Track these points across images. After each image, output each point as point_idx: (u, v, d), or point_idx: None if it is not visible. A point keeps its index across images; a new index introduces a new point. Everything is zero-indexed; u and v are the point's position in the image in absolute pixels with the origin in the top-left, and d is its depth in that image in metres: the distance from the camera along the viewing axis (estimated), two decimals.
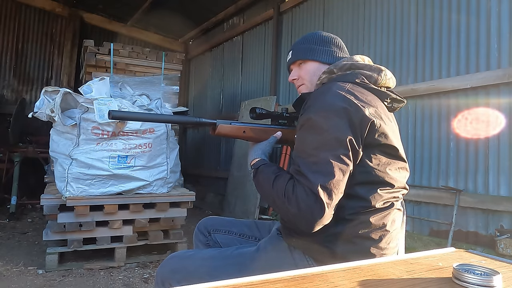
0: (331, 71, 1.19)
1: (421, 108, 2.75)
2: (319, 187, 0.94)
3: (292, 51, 1.30)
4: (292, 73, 1.31)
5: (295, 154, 1.06)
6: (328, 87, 1.10)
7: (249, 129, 1.24)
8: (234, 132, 1.23)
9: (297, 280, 0.64)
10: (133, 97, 3.20)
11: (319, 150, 0.99)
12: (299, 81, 1.28)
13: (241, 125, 1.23)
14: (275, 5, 4.39)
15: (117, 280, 2.53)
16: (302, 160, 1.01)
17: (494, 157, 2.32)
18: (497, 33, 2.35)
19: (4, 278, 2.47)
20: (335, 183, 0.96)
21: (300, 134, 1.07)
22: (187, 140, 6.51)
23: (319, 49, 1.26)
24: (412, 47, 2.85)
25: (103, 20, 6.23)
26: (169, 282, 1.13)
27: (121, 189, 2.76)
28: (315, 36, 1.29)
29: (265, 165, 1.14)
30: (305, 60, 1.26)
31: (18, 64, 5.76)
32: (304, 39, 1.30)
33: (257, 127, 1.25)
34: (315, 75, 1.24)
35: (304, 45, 1.28)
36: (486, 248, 2.28)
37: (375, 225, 1.01)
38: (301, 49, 1.28)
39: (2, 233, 3.52)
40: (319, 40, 1.28)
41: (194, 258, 1.20)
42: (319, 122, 1.02)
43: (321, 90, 1.11)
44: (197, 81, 6.53)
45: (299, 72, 1.28)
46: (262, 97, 4.34)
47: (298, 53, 1.28)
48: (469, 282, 0.63)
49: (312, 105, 1.06)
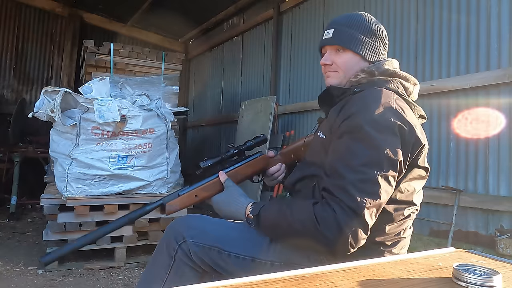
0: (372, 73, 1.09)
1: (421, 108, 2.75)
2: (365, 209, 0.87)
3: (334, 31, 1.12)
4: (326, 56, 1.15)
5: (335, 164, 0.94)
6: (375, 94, 1.00)
7: (200, 189, 1.10)
8: (186, 202, 1.09)
9: (297, 280, 0.64)
10: (133, 97, 3.20)
11: (368, 167, 0.90)
12: (332, 67, 1.13)
13: (190, 189, 1.10)
14: (275, 5, 4.39)
15: (117, 280, 2.53)
16: (347, 175, 0.90)
17: (494, 157, 2.32)
18: (497, 33, 2.35)
19: (4, 278, 2.47)
20: (379, 205, 0.90)
21: (345, 143, 0.95)
22: (187, 140, 6.51)
23: (365, 41, 1.12)
24: (412, 47, 2.85)
25: (103, 20, 6.23)
26: (182, 235, 1.05)
27: (121, 189, 2.76)
28: (364, 23, 1.13)
29: (263, 207, 1.02)
30: (346, 48, 1.12)
31: (18, 64, 5.76)
32: (350, 21, 1.13)
33: (208, 183, 1.12)
34: (352, 69, 1.11)
35: (350, 30, 1.12)
36: (486, 248, 2.28)
37: (392, 233, 1.01)
38: (346, 33, 1.11)
39: (2, 233, 3.52)
40: (368, 29, 1.13)
41: (214, 222, 1.12)
42: (371, 136, 0.91)
43: (366, 95, 1.01)
44: (197, 81, 6.53)
45: (335, 58, 1.13)
46: (262, 97, 4.34)
47: (341, 37, 1.11)
48: (469, 282, 0.63)
49: (361, 112, 0.95)
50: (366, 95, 1.01)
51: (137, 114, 2.79)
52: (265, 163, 1.27)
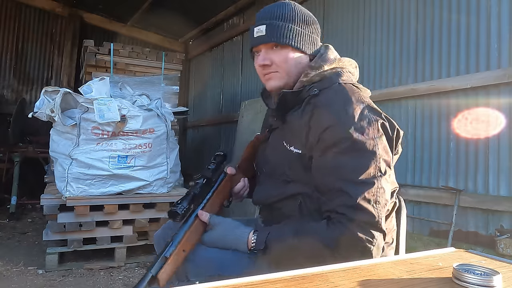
0: (320, 67, 1.00)
1: (421, 108, 2.75)
2: (380, 218, 0.85)
3: (266, 27, 1.01)
4: (261, 56, 1.03)
5: (335, 183, 0.88)
6: (340, 94, 0.94)
7: (185, 242, 0.96)
8: (177, 262, 0.93)
9: (297, 280, 0.64)
10: (133, 97, 3.20)
11: (369, 176, 0.87)
12: (272, 68, 1.02)
13: (174, 248, 0.93)
14: None
15: (117, 280, 2.53)
16: (353, 191, 0.85)
17: (494, 157, 2.32)
18: (497, 33, 2.34)
19: (4, 278, 2.47)
20: (387, 207, 0.89)
21: (335, 158, 0.89)
22: (187, 140, 6.50)
23: (302, 33, 1.02)
24: (412, 47, 2.85)
25: (103, 20, 6.22)
26: (185, 274, 0.97)
27: (121, 189, 2.77)
28: (295, 13, 1.03)
29: (269, 239, 0.92)
30: (284, 44, 1.00)
31: (18, 64, 5.75)
32: (281, 13, 1.02)
33: (189, 230, 0.98)
34: (294, 66, 1.02)
35: (284, 23, 1.00)
36: (486, 248, 2.28)
37: (389, 230, 1.00)
38: (281, 28, 1.00)
39: (2, 233, 3.52)
40: (301, 19, 1.03)
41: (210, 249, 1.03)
42: (361, 143, 0.88)
43: (331, 97, 0.94)
44: (197, 81, 6.52)
45: (273, 57, 1.02)
46: None
47: (277, 32, 1.00)
48: (469, 282, 0.63)
49: (339, 121, 0.90)
50: (331, 97, 0.95)
51: (137, 114, 2.79)
52: (231, 183, 1.16)
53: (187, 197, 1.03)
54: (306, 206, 0.98)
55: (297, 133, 0.98)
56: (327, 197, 0.90)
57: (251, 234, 0.97)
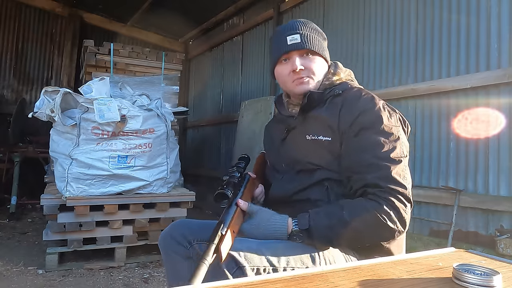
0: (338, 74, 1.20)
1: (421, 108, 2.75)
2: (409, 190, 0.97)
3: (300, 36, 1.15)
4: (296, 61, 1.14)
5: (369, 159, 0.99)
6: (363, 92, 1.12)
7: (233, 224, 0.96)
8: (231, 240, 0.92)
9: (297, 280, 0.64)
10: (133, 97, 3.20)
11: (399, 156, 1.00)
12: (305, 72, 1.15)
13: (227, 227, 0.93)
14: (275, 5, 4.39)
15: (117, 280, 2.53)
16: (386, 165, 0.97)
17: (494, 157, 2.32)
18: (497, 33, 2.35)
19: (4, 278, 2.47)
20: (410, 183, 1.01)
21: (368, 138, 1.02)
22: (187, 140, 6.50)
23: (324, 45, 1.21)
24: (412, 47, 2.85)
25: (103, 20, 6.22)
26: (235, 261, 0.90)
27: (121, 189, 2.76)
28: (317, 28, 1.22)
29: (311, 218, 0.98)
30: (315, 52, 1.17)
31: (18, 64, 5.75)
32: (309, 26, 1.19)
33: (234, 216, 0.99)
34: (321, 72, 1.18)
35: (315, 35, 1.18)
36: (486, 248, 2.28)
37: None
38: (312, 37, 1.16)
39: (2, 233, 3.52)
40: (322, 34, 1.22)
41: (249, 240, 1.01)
42: (389, 127, 1.03)
43: (357, 94, 1.11)
44: (197, 81, 6.52)
45: (308, 63, 1.15)
46: (262, 97, 4.34)
47: (310, 41, 1.15)
48: (469, 282, 0.63)
49: (369, 109, 1.05)
50: (357, 94, 1.12)
51: (137, 114, 2.79)
52: (254, 186, 1.22)
53: (230, 184, 1.10)
54: (333, 191, 1.07)
55: (324, 124, 1.10)
56: (362, 173, 1.00)
57: (290, 219, 1.02)
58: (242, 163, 1.26)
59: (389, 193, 0.95)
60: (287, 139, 1.21)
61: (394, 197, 0.95)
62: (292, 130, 1.20)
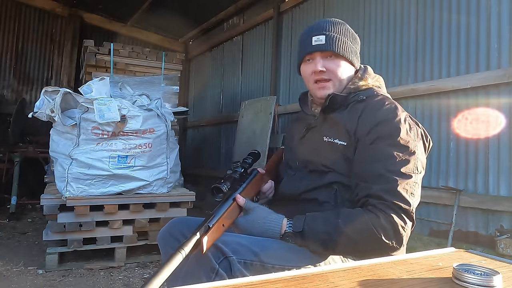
0: (366, 79, 1.16)
1: (421, 108, 2.75)
2: (413, 208, 0.96)
3: (325, 37, 1.12)
4: (318, 62, 1.13)
5: (379, 170, 0.98)
6: (387, 99, 1.10)
7: (224, 218, 0.98)
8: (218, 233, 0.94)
9: (297, 280, 0.64)
10: (133, 97, 3.20)
11: (411, 172, 0.98)
12: (326, 75, 1.13)
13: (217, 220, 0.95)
14: (275, 5, 4.39)
15: (117, 280, 2.53)
16: (394, 179, 0.95)
17: (494, 157, 2.32)
18: (497, 33, 2.35)
19: (4, 278, 2.47)
20: (417, 200, 1.00)
21: (382, 149, 1.00)
22: (187, 140, 6.50)
23: (352, 48, 1.15)
24: (412, 47, 2.85)
25: (103, 20, 6.22)
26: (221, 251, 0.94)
27: (121, 189, 2.76)
28: (348, 30, 1.17)
29: (306, 222, 0.98)
30: (340, 55, 1.13)
31: (18, 64, 5.75)
32: (338, 28, 1.15)
33: (228, 210, 1.01)
34: (344, 76, 1.15)
35: (341, 36, 1.13)
36: (486, 248, 2.28)
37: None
38: (337, 39, 1.12)
39: (2, 233, 3.52)
40: (353, 36, 1.17)
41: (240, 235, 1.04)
42: (406, 141, 1.00)
43: (380, 102, 1.08)
44: (197, 81, 6.52)
45: (329, 65, 1.13)
46: (262, 97, 4.34)
47: (335, 43, 1.12)
48: (469, 282, 0.63)
49: (390, 119, 1.02)
50: (380, 102, 1.09)
51: (137, 114, 2.79)
52: (262, 181, 1.24)
53: (229, 179, 1.10)
54: (340, 195, 1.07)
55: (342, 128, 1.09)
56: (368, 183, 0.98)
57: (285, 219, 1.03)
58: (250, 159, 1.26)
59: (390, 208, 0.93)
60: (305, 137, 1.21)
61: (395, 212, 0.93)
62: (311, 129, 1.20)
